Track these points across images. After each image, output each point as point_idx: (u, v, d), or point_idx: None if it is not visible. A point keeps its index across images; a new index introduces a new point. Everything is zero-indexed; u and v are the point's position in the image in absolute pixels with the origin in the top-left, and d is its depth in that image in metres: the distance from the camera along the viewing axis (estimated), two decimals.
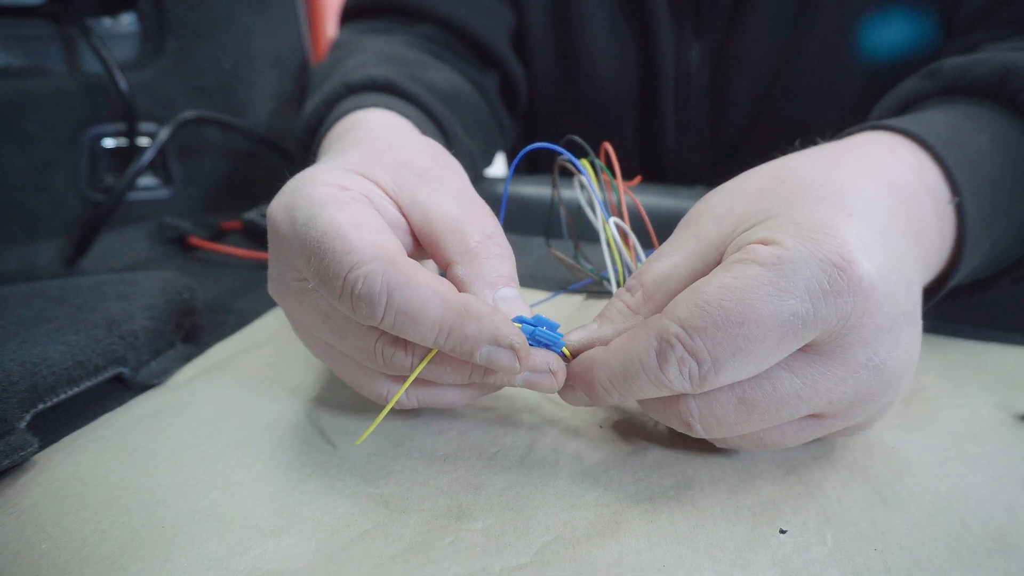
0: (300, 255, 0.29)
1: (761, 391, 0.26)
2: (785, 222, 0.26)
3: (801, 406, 0.26)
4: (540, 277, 0.52)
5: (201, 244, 0.61)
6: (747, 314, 0.24)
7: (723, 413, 0.26)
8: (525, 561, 0.25)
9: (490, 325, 0.26)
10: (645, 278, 0.29)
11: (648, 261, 0.30)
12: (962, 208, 0.32)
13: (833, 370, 0.25)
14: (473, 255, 0.30)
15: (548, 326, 0.29)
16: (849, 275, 0.24)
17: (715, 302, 0.24)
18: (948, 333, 0.40)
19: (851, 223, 0.25)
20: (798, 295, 0.24)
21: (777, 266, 0.24)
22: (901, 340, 0.26)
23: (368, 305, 0.26)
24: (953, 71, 0.40)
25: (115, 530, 0.27)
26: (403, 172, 0.32)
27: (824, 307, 0.24)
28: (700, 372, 0.25)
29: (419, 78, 0.54)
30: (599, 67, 0.71)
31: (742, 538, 0.26)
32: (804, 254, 0.24)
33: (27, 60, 0.62)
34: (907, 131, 0.33)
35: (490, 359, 0.27)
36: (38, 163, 0.59)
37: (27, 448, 0.31)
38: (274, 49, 0.72)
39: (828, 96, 0.65)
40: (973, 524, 0.26)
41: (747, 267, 0.25)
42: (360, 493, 0.29)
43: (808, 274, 0.24)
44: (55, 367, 0.34)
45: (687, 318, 0.25)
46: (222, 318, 0.47)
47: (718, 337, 0.24)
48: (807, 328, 0.24)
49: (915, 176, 0.31)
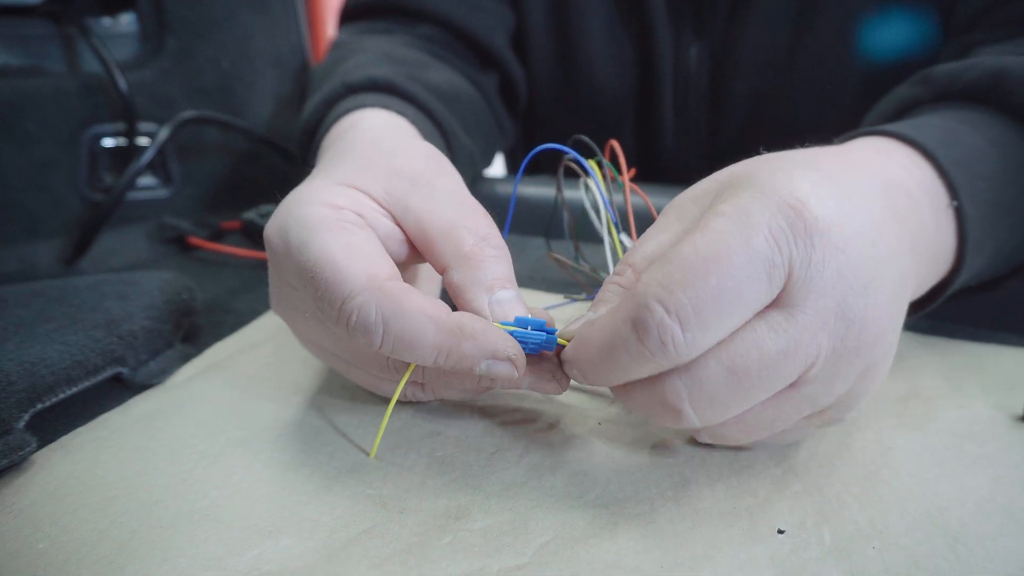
0: (297, 279, 0.30)
1: (748, 356, 0.25)
2: (749, 184, 0.26)
3: (788, 367, 0.25)
4: (539, 278, 0.52)
5: (200, 244, 0.61)
6: (720, 258, 0.24)
7: (713, 388, 0.25)
8: (523, 561, 0.25)
9: (485, 342, 0.27)
10: (634, 259, 0.29)
11: (635, 245, 0.30)
12: (961, 210, 0.32)
13: (809, 319, 0.25)
14: (467, 260, 0.30)
15: (534, 325, 0.29)
16: (805, 216, 0.24)
17: (688, 254, 0.24)
18: (947, 334, 0.40)
19: (809, 175, 0.26)
20: (763, 234, 0.24)
21: (737, 213, 0.24)
22: (872, 295, 0.25)
23: (365, 335, 0.27)
24: (944, 77, 0.40)
25: (113, 530, 0.27)
26: (395, 180, 0.32)
27: (787, 247, 0.24)
28: (684, 334, 0.24)
29: (419, 78, 0.54)
30: (598, 67, 0.71)
31: (740, 538, 0.26)
32: (761, 200, 0.25)
33: (27, 60, 0.62)
34: (900, 135, 0.33)
35: (490, 371, 0.28)
36: (38, 163, 0.59)
37: (25, 448, 0.31)
38: (274, 49, 0.72)
39: (827, 97, 0.65)
40: (971, 524, 0.26)
41: (710, 220, 0.25)
42: (358, 494, 0.29)
43: (767, 216, 0.24)
44: (54, 367, 0.34)
45: (662, 277, 0.24)
46: (221, 318, 0.47)
47: (697, 286, 0.24)
48: (776, 270, 0.24)
49: (910, 177, 0.31)
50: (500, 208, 0.61)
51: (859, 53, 0.62)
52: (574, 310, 0.46)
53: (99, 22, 0.65)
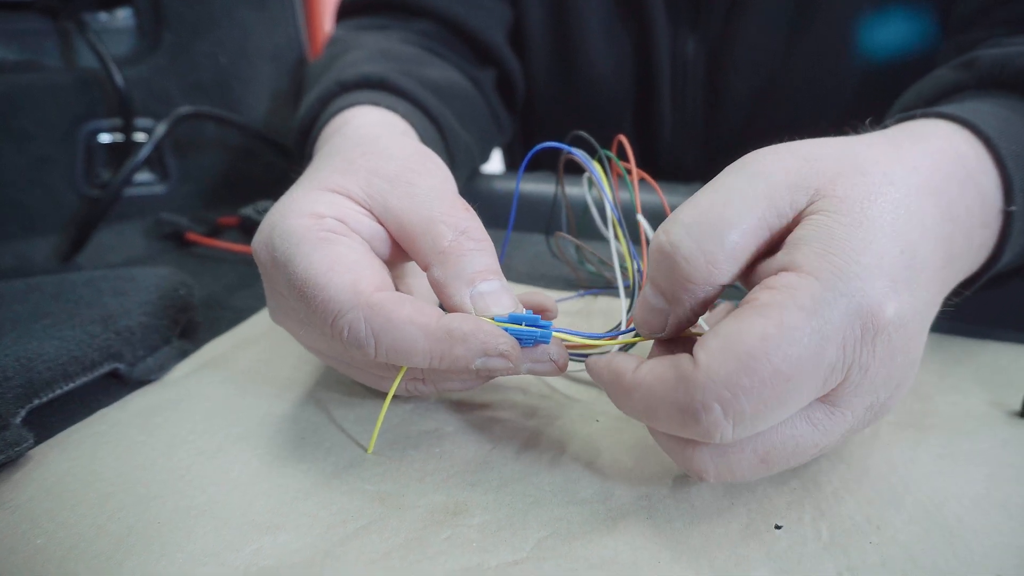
0: (288, 291, 0.30)
1: (784, 449, 0.25)
2: (826, 237, 0.24)
3: (815, 453, 0.26)
4: (537, 274, 0.52)
5: (197, 240, 0.61)
6: (793, 369, 0.22)
7: (741, 468, 0.25)
8: (521, 557, 0.25)
9: (476, 343, 0.27)
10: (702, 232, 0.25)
11: (690, 201, 0.26)
12: (1013, 214, 0.31)
13: (844, 416, 0.25)
14: (446, 256, 0.30)
15: (528, 321, 0.29)
16: (878, 323, 0.23)
17: (761, 356, 0.22)
18: (943, 330, 0.40)
19: (890, 257, 0.24)
20: (836, 343, 0.23)
21: (817, 311, 0.23)
22: (903, 385, 0.26)
23: (359, 348, 0.28)
24: (991, 62, 0.38)
25: (111, 525, 0.27)
26: (374, 180, 0.32)
27: (852, 354, 0.23)
28: (734, 433, 0.23)
29: (414, 74, 0.54)
30: (596, 63, 0.71)
31: (737, 534, 0.26)
32: (843, 296, 0.23)
33: (23, 55, 0.62)
34: (963, 119, 0.32)
35: (485, 366, 0.28)
36: (34, 159, 0.59)
37: (22, 443, 0.31)
38: (271, 44, 0.71)
39: (824, 93, 0.65)
40: (968, 520, 0.27)
41: (787, 312, 0.23)
42: (356, 489, 0.29)
43: (845, 322, 0.23)
44: (51, 362, 0.34)
45: (730, 376, 0.22)
46: (218, 314, 0.47)
47: (764, 395, 0.22)
48: (834, 376, 0.23)
49: (975, 186, 0.30)
50: (498, 204, 0.61)
51: (857, 50, 0.62)
52: (576, 305, 0.46)
53: (96, 17, 0.65)
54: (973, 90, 0.39)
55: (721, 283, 0.26)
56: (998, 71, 0.38)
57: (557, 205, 0.50)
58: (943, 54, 0.53)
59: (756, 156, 0.27)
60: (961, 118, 0.32)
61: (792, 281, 0.23)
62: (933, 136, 0.31)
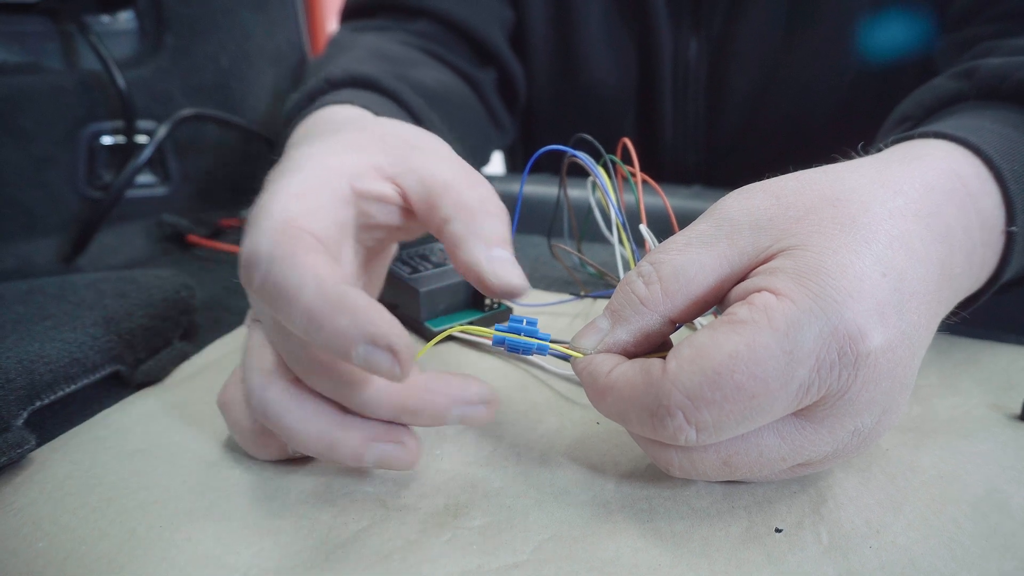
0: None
1: (747, 456, 0.25)
2: (812, 275, 0.24)
3: (782, 465, 0.26)
4: (538, 276, 0.52)
5: (199, 242, 0.61)
6: (758, 388, 0.23)
7: (705, 469, 0.26)
8: (522, 559, 0.26)
9: (365, 320, 0.23)
10: (664, 270, 0.27)
11: (667, 248, 0.27)
12: (1014, 235, 0.31)
13: (820, 436, 0.25)
14: (472, 212, 0.28)
15: (527, 332, 0.29)
16: (859, 348, 0.23)
17: (726, 373, 0.23)
18: (943, 331, 0.40)
19: (871, 281, 0.24)
20: (808, 365, 0.23)
21: (790, 334, 0.23)
22: (891, 411, 0.25)
23: (247, 268, 0.26)
24: (991, 73, 0.38)
25: (112, 529, 0.27)
26: (391, 140, 0.32)
27: (828, 378, 0.23)
28: (698, 439, 0.24)
29: (405, 76, 0.54)
30: (597, 63, 0.71)
31: (737, 537, 0.26)
32: (818, 321, 0.23)
33: (24, 57, 0.62)
34: (964, 140, 0.32)
35: (367, 360, 0.24)
36: (36, 160, 0.59)
37: (24, 445, 0.31)
38: (272, 46, 0.71)
39: (825, 93, 0.65)
40: (967, 524, 0.27)
41: (759, 332, 0.23)
42: (356, 492, 0.29)
43: (820, 346, 0.23)
44: (52, 364, 0.34)
45: (694, 388, 0.23)
46: (220, 316, 0.47)
47: (726, 409, 0.23)
48: (809, 396, 0.23)
49: (974, 206, 0.30)
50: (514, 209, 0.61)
51: (856, 49, 0.62)
52: (575, 307, 0.46)
53: (98, 19, 0.65)
54: (973, 100, 0.39)
55: (670, 316, 0.27)
56: (998, 82, 0.38)
57: (560, 208, 0.50)
58: (941, 51, 0.53)
59: (725, 200, 0.28)
60: (961, 138, 0.32)
61: (770, 302, 0.23)
62: (929, 156, 0.30)
